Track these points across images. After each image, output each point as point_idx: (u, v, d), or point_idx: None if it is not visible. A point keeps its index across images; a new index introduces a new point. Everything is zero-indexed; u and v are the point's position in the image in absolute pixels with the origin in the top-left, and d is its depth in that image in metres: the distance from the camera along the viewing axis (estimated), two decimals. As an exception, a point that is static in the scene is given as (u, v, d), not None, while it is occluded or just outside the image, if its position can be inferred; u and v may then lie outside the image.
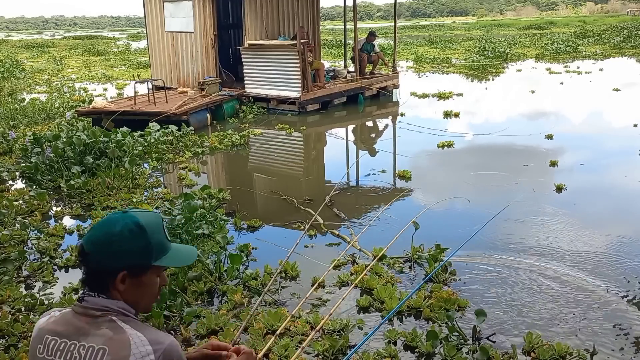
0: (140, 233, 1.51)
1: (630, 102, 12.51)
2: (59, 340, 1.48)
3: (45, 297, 4.19)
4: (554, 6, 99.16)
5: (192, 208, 5.07)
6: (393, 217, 5.68)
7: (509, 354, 3.38)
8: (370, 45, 13.76)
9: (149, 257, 1.53)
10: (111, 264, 1.50)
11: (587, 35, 31.57)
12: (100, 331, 1.46)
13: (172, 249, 1.62)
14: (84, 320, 1.49)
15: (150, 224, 1.55)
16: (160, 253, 1.56)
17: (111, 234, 1.50)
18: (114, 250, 1.49)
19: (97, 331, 1.46)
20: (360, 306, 3.97)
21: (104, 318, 1.48)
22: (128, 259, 1.51)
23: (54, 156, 7.14)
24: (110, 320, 1.48)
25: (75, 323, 1.49)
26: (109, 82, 18.34)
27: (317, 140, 10.34)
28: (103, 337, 1.44)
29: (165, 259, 1.57)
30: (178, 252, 1.63)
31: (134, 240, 1.51)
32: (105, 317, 1.49)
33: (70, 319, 1.51)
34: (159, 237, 1.57)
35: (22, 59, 26.47)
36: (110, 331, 1.45)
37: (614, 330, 3.66)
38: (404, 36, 41.14)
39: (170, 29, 13.57)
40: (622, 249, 4.88)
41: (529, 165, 7.63)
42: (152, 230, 1.55)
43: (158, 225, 1.58)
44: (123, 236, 1.50)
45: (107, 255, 1.50)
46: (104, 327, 1.46)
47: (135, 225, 1.51)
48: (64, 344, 1.47)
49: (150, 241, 1.53)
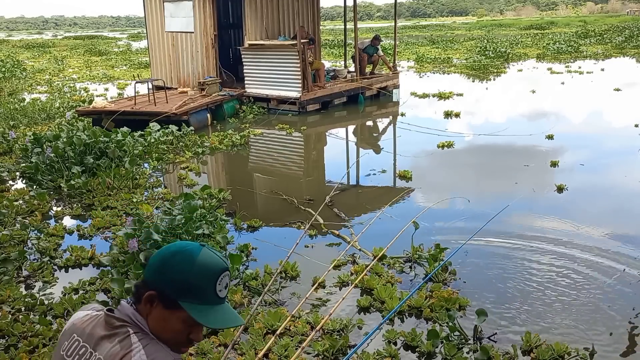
0: (187, 268, 1.44)
1: (631, 102, 12.50)
2: (81, 342, 1.48)
3: (45, 297, 4.19)
4: (554, 6, 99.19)
5: (192, 208, 5.07)
6: (393, 218, 5.67)
7: (509, 354, 3.38)
8: (373, 49, 13.76)
9: (178, 292, 1.44)
10: (150, 277, 1.48)
11: (589, 35, 31.57)
12: (112, 344, 1.43)
13: (214, 306, 1.48)
14: (104, 329, 1.47)
15: (203, 266, 1.45)
16: (193, 298, 1.45)
17: (170, 254, 1.47)
18: (158, 268, 1.47)
19: (110, 344, 1.44)
20: (361, 306, 3.97)
21: (122, 330, 1.46)
22: (161, 282, 1.46)
23: (55, 156, 7.14)
24: (126, 334, 1.45)
25: (97, 330, 1.48)
26: (110, 82, 18.34)
27: (317, 140, 10.34)
28: (112, 351, 1.42)
29: (194, 308, 1.44)
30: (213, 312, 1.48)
31: (176, 270, 1.45)
32: (124, 328, 1.46)
33: (97, 324, 1.50)
34: (203, 284, 1.45)
35: (23, 59, 26.46)
36: (120, 345, 1.42)
37: (614, 330, 3.66)
38: (405, 36, 41.16)
39: (170, 29, 13.57)
40: (623, 249, 4.88)
41: (529, 166, 7.63)
42: (200, 272, 1.45)
43: (211, 273, 1.46)
44: (174, 260, 1.46)
45: (152, 269, 1.48)
46: (116, 340, 1.44)
47: (190, 257, 1.45)
48: (84, 349, 1.47)
49: (189, 278, 1.44)
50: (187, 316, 1.45)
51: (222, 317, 1.48)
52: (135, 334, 1.44)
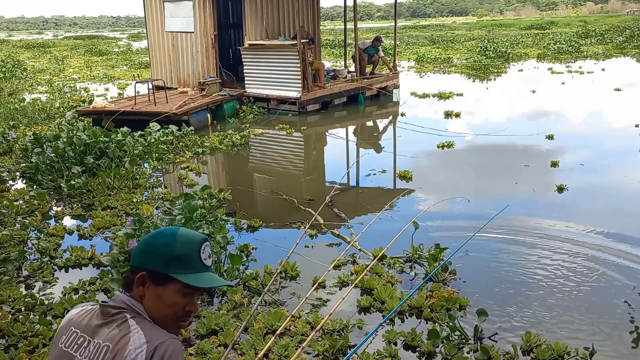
0: (170, 242, 1.55)
1: (631, 102, 12.50)
2: (79, 333, 1.54)
3: (45, 297, 4.19)
4: (554, 6, 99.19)
5: (192, 208, 5.06)
6: (394, 218, 5.67)
7: (510, 354, 3.38)
8: (374, 50, 13.76)
9: (166, 265, 1.54)
10: (137, 261, 1.58)
11: (590, 35, 31.56)
12: (110, 329, 1.50)
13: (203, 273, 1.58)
14: (101, 318, 1.54)
15: (185, 237, 1.58)
16: (181, 268, 1.54)
17: (151, 237, 1.60)
18: (143, 250, 1.58)
19: (108, 329, 1.50)
20: (361, 306, 3.97)
21: (119, 316, 1.52)
22: (150, 261, 1.55)
23: (55, 156, 7.14)
24: (124, 319, 1.52)
25: (94, 321, 1.55)
26: (111, 82, 18.34)
27: (317, 140, 10.33)
28: (111, 334, 1.49)
29: (185, 275, 1.54)
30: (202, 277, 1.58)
31: (161, 246, 1.56)
32: (121, 314, 1.53)
33: (93, 316, 1.56)
34: (188, 252, 1.56)
35: (23, 59, 26.46)
36: (118, 329, 1.49)
37: (614, 330, 3.66)
38: (405, 36, 41.16)
39: (170, 29, 13.57)
40: (623, 249, 4.88)
41: (529, 166, 7.63)
42: (183, 243, 1.56)
43: (193, 242, 1.58)
44: (157, 240, 1.57)
45: (137, 253, 1.59)
46: (115, 326, 1.51)
47: (171, 233, 1.57)
48: (82, 339, 1.53)
49: (175, 250, 1.54)
50: (180, 287, 1.55)
51: (212, 278, 1.60)
52: (133, 318, 1.52)
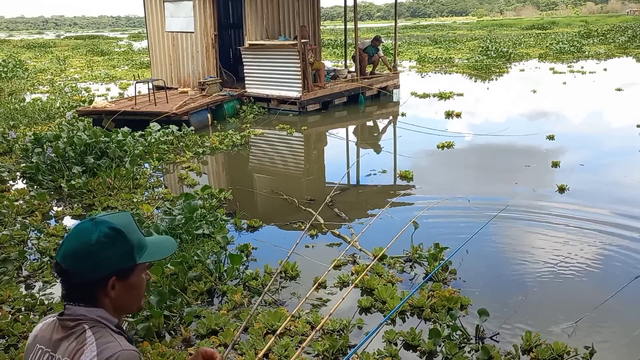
0: (118, 236, 1.48)
1: (633, 102, 12.49)
2: (44, 349, 1.50)
3: (45, 297, 4.19)
4: (554, 6, 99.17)
5: (192, 208, 5.07)
6: (394, 218, 5.67)
7: (511, 354, 3.38)
8: (374, 49, 13.77)
9: (132, 257, 1.51)
10: (97, 274, 1.46)
11: (592, 35, 31.53)
12: (69, 343, 1.46)
13: (150, 242, 1.59)
14: (61, 332, 1.48)
15: (123, 224, 1.51)
16: (141, 250, 1.53)
17: (89, 244, 1.44)
18: (96, 260, 1.45)
19: (67, 343, 1.46)
20: (362, 307, 3.97)
21: (78, 328, 1.47)
22: (114, 265, 1.48)
23: (55, 156, 7.14)
24: (82, 331, 1.46)
25: (54, 335, 1.50)
26: (113, 82, 18.34)
27: (317, 140, 10.33)
28: (69, 348, 1.45)
29: (148, 255, 1.55)
30: (157, 245, 1.60)
31: (114, 245, 1.47)
32: (79, 326, 1.47)
33: (54, 329, 1.51)
34: (136, 235, 1.53)
35: (25, 59, 26.47)
36: (76, 342, 1.45)
37: (614, 330, 3.66)
38: (407, 36, 41.15)
39: (170, 29, 13.58)
40: (624, 249, 4.88)
41: (530, 166, 7.62)
42: (128, 230, 1.51)
43: (131, 224, 1.54)
44: (102, 243, 1.45)
45: (91, 267, 1.45)
46: (73, 339, 1.46)
47: (111, 229, 1.47)
48: (47, 355, 1.48)
49: (131, 241, 1.50)
50: (143, 265, 1.56)
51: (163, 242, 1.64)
52: (90, 329, 1.46)
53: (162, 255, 1.62)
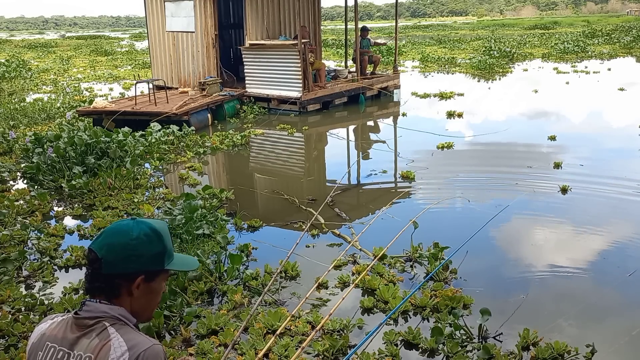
0: (157, 238, 1.57)
1: (635, 102, 12.47)
2: (57, 347, 1.49)
3: (45, 297, 4.19)
4: (554, 6, 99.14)
5: (192, 208, 5.07)
6: (395, 218, 5.66)
7: (513, 354, 3.37)
8: (366, 41, 13.77)
9: (162, 261, 1.58)
10: (129, 267, 1.52)
11: (596, 35, 31.50)
12: (90, 339, 1.47)
13: (176, 255, 1.67)
14: (78, 331, 1.49)
15: (162, 229, 1.60)
16: (170, 258, 1.62)
17: (129, 238, 1.52)
18: (132, 254, 1.52)
19: (88, 340, 1.47)
20: (364, 307, 3.96)
21: (98, 325, 1.48)
22: (145, 264, 1.54)
23: (56, 156, 7.14)
24: (103, 328, 1.48)
25: (69, 334, 1.50)
26: (116, 82, 18.34)
27: (318, 140, 10.33)
28: (91, 345, 1.45)
29: (174, 264, 1.63)
30: (182, 258, 1.69)
31: (151, 245, 1.55)
32: (99, 323, 1.48)
33: (68, 328, 1.51)
34: (169, 242, 1.62)
35: (28, 59, 26.48)
36: (98, 339, 1.46)
37: (614, 329, 3.65)
38: (409, 36, 41.13)
39: (171, 29, 13.57)
40: (624, 250, 4.87)
41: (531, 167, 7.61)
42: (165, 235, 1.61)
43: (167, 232, 1.63)
44: (141, 240, 1.53)
45: (125, 259, 1.51)
46: (94, 335, 1.47)
47: (151, 230, 1.56)
48: (61, 353, 1.48)
49: (166, 246, 1.59)
50: (166, 274, 1.63)
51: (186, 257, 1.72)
52: (112, 326, 1.49)
53: (186, 268, 1.69)
